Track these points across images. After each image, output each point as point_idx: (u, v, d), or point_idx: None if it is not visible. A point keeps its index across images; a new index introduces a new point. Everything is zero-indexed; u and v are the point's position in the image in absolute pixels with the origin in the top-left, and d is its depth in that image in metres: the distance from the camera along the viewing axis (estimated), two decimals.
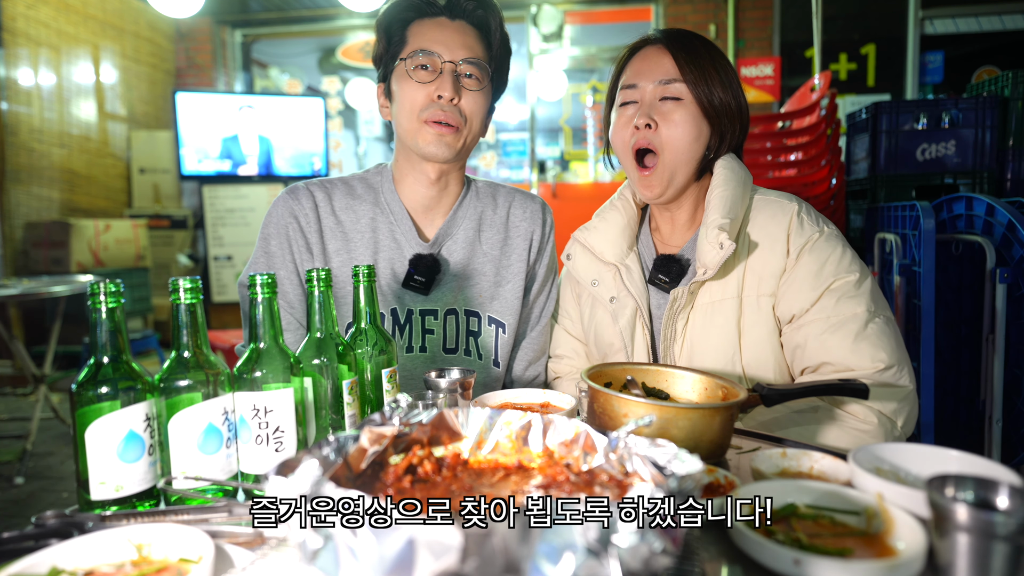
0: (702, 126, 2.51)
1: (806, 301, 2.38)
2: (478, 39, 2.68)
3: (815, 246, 2.42)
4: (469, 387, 2.11)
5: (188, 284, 1.65)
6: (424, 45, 2.61)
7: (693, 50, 2.54)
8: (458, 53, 2.61)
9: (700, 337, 2.49)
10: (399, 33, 2.68)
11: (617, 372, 2.13)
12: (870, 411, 2.27)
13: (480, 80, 2.66)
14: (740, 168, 2.58)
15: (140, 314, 9.82)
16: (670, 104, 2.50)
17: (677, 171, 2.52)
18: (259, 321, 1.72)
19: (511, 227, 2.92)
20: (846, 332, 2.31)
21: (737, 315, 2.46)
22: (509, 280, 2.86)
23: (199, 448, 1.65)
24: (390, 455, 1.40)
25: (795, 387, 2.00)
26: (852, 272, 2.39)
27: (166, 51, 12.77)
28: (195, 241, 11.58)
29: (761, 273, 2.45)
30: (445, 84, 2.58)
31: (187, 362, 1.66)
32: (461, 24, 2.67)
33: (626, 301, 2.63)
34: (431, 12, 2.66)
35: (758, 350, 2.45)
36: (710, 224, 2.42)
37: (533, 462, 1.44)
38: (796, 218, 2.47)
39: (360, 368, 1.96)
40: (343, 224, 2.75)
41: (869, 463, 1.58)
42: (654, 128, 2.49)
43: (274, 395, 1.68)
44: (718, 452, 1.82)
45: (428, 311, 2.76)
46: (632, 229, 2.77)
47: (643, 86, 2.54)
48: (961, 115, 5.68)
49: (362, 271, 1.97)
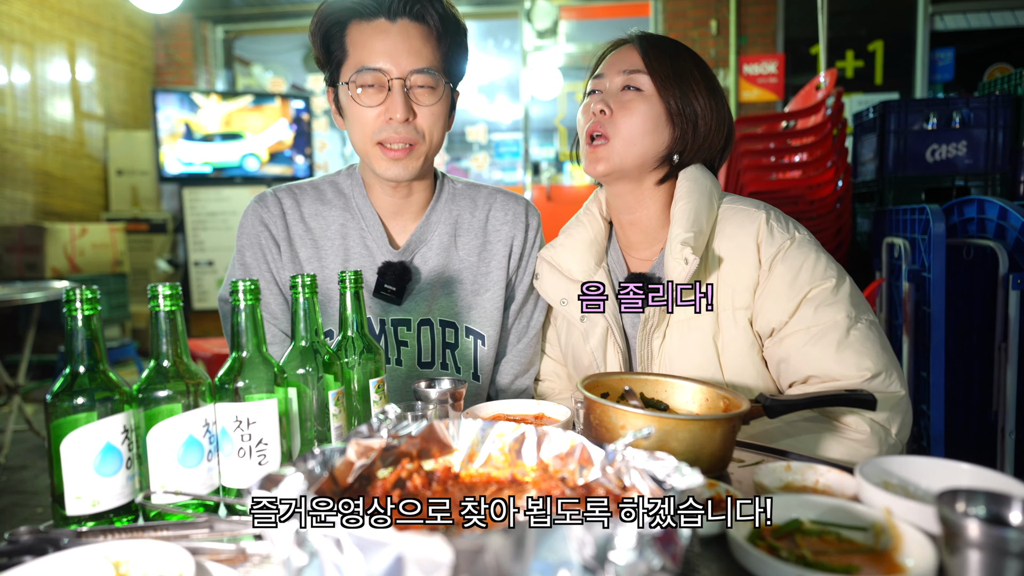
0: (661, 123, 2.51)
1: (784, 313, 2.37)
2: (425, 38, 2.55)
3: (787, 254, 2.40)
4: (460, 398, 2.11)
5: (168, 290, 1.65)
6: (367, 60, 2.51)
7: (667, 51, 2.55)
8: (405, 65, 2.50)
9: (678, 356, 2.49)
10: (338, 37, 2.58)
11: (614, 382, 2.12)
12: (862, 420, 2.26)
13: (435, 88, 2.57)
14: (705, 177, 2.56)
15: (118, 322, 9.80)
16: (630, 94, 2.51)
17: (625, 158, 2.49)
18: (242, 329, 1.72)
19: (490, 231, 2.86)
20: (828, 342, 2.29)
21: (714, 331, 2.45)
22: (488, 289, 2.82)
23: (179, 461, 1.64)
24: (378, 469, 1.40)
25: (800, 398, 2.00)
26: (828, 278, 2.37)
27: (145, 48, 12.77)
28: (175, 246, 11.57)
29: (734, 286, 2.44)
30: (396, 104, 2.50)
31: (167, 372, 1.66)
32: (403, 25, 2.52)
33: (596, 320, 2.62)
34: (367, 13, 2.52)
35: (739, 366, 2.44)
36: (674, 239, 2.40)
37: (527, 476, 1.44)
38: (765, 226, 2.44)
39: (347, 378, 1.95)
40: (313, 231, 2.74)
41: (877, 477, 1.57)
42: (608, 114, 2.49)
43: (257, 406, 1.68)
44: (720, 465, 1.82)
45: (400, 321, 2.73)
46: (600, 244, 2.74)
47: (608, 77, 2.56)
48: (973, 114, 5.68)
49: (349, 277, 1.97)
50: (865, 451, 2.22)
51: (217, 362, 6.97)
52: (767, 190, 5.55)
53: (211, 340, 8.28)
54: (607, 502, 1.27)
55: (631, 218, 2.66)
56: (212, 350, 7.29)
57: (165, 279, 11.04)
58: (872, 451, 2.21)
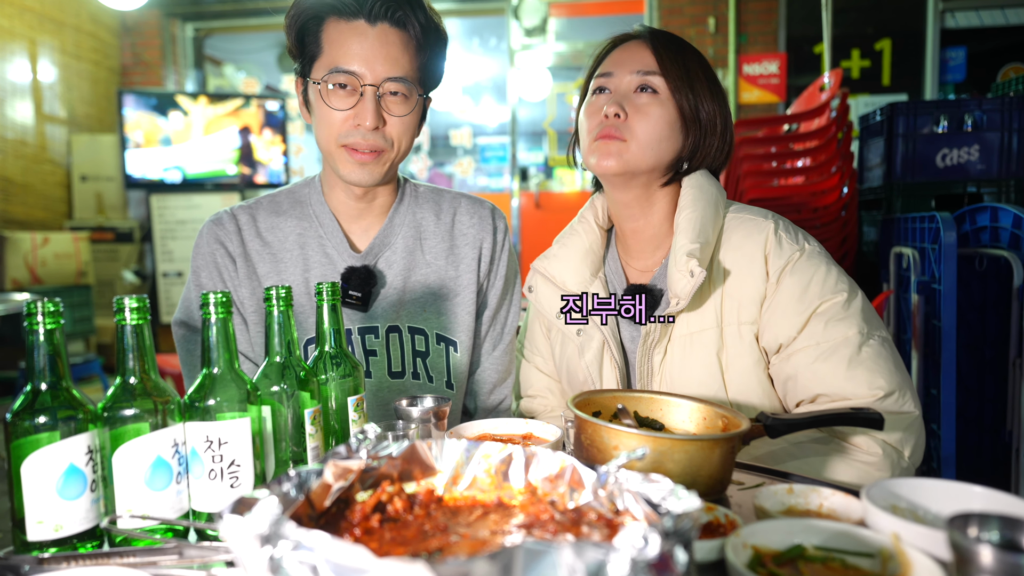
0: (676, 129, 2.51)
1: (792, 328, 2.36)
2: (404, 46, 2.59)
3: (796, 266, 2.40)
4: (443, 417, 2.11)
5: (134, 303, 1.64)
6: (341, 62, 2.54)
7: (679, 50, 2.56)
8: (380, 72, 2.54)
9: (680, 372, 2.48)
10: (314, 30, 2.61)
11: (607, 400, 2.13)
12: (873, 441, 2.26)
13: (407, 96, 2.60)
14: (711, 185, 2.57)
15: (81, 336, 9.77)
16: (646, 97, 2.50)
17: (641, 162, 2.48)
18: (213, 344, 1.72)
19: (457, 235, 2.88)
20: (838, 359, 2.29)
21: (718, 346, 2.45)
22: (458, 293, 2.83)
23: (146, 484, 1.64)
24: (357, 492, 1.40)
25: (803, 417, 2.00)
26: (839, 292, 2.37)
27: (110, 47, 12.73)
28: (142, 256, 11.51)
29: (740, 299, 2.44)
30: (365, 111, 2.54)
31: (133, 389, 1.66)
32: (383, 30, 2.55)
33: (592, 333, 2.62)
34: (347, 12, 2.54)
35: (744, 384, 2.44)
36: (679, 250, 2.40)
37: (514, 499, 1.44)
38: (773, 236, 2.45)
39: (324, 396, 1.95)
40: (270, 245, 2.75)
41: (884, 500, 1.57)
42: (623, 118, 2.47)
43: (229, 425, 1.68)
44: (718, 488, 1.82)
45: (367, 329, 2.73)
46: (596, 253, 2.75)
47: (619, 75, 2.55)
48: (985, 117, 5.69)
49: (325, 289, 1.97)
50: (876, 474, 2.21)
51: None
52: (768, 197, 5.55)
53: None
54: (599, 527, 1.27)
55: (634, 226, 2.67)
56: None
57: (132, 291, 11.00)
58: (884, 474, 2.20)
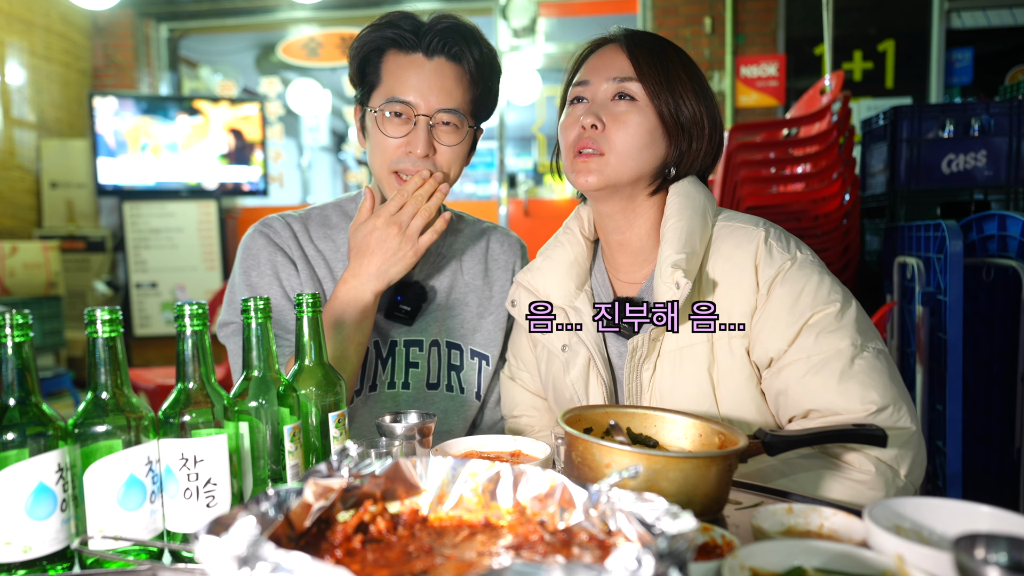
0: (657, 136, 2.51)
1: (783, 341, 2.35)
2: (458, 79, 2.76)
3: (787, 276, 2.39)
4: (429, 433, 2.11)
5: (107, 315, 1.65)
6: (398, 91, 2.70)
7: (657, 51, 2.55)
8: (434, 103, 2.70)
9: (670, 389, 2.47)
10: (375, 61, 2.78)
11: (598, 416, 2.13)
12: (866, 458, 2.24)
13: (459, 127, 2.76)
14: (698, 192, 2.57)
15: (51, 349, 9.73)
16: (623, 104, 2.51)
17: (622, 173, 2.49)
18: (188, 357, 1.72)
19: (491, 259, 3.09)
20: (829, 372, 2.27)
21: (709, 361, 2.44)
22: (491, 312, 3.01)
23: (119, 503, 1.64)
24: (338, 511, 1.40)
25: (803, 434, 2.00)
26: (832, 302, 2.36)
27: (81, 48, 12.68)
28: (115, 266, 11.49)
29: (730, 311, 2.43)
30: (418, 139, 2.69)
31: (105, 404, 1.66)
32: (439, 64, 2.73)
33: (577, 348, 2.63)
34: (406, 46, 2.73)
35: (736, 400, 2.43)
36: (664, 261, 2.40)
37: (502, 519, 1.44)
38: (763, 245, 2.44)
39: (304, 411, 1.96)
40: (323, 253, 2.90)
41: (888, 520, 1.57)
42: (600, 129, 2.49)
43: (205, 442, 1.68)
44: (714, 508, 1.83)
45: (413, 342, 2.88)
46: (581, 266, 2.76)
47: (595, 83, 2.56)
48: (993, 121, 5.68)
49: (306, 300, 1.98)
50: (870, 493, 2.21)
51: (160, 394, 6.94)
52: (767, 205, 5.56)
53: (154, 370, 8.23)
54: (590, 548, 1.27)
55: (620, 238, 2.67)
56: (155, 381, 7.25)
57: (104, 302, 10.98)
58: (878, 493, 2.20)
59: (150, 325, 11.03)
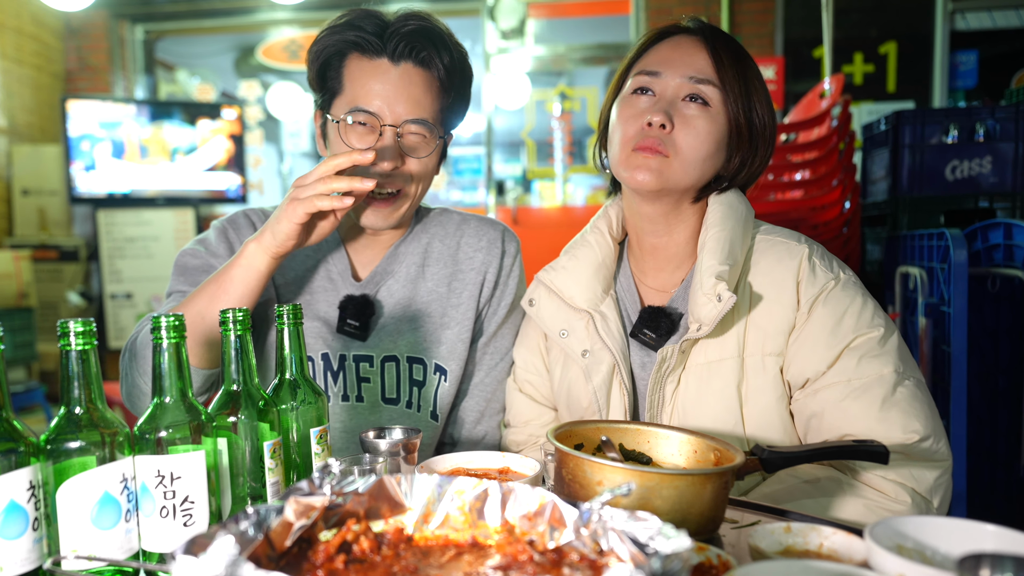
0: (723, 146, 2.48)
1: (822, 362, 2.34)
2: (427, 87, 2.70)
3: (830, 296, 2.37)
4: (414, 449, 2.11)
5: (80, 327, 1.64)
6: (361, 101, 2.64)
7: (738, 56, 2.50)
8: (401, 112, 2.65)
9: (694, 404, 2.45)
10: (336, 65, 2.72)
11: (590, 432, 2.13)
12: (902, 489, 2.23)
13: (427, 138, 2.72)
14: (740, 203, 2.55)
15: (23, 363, 9.70)
16: (695, 108, 2.43)
17: (682, 179, 2.44)
18: (164, 371, 1.72)
19: (461, 260, 2.94)
20: (871, 398, 2.26)
21: (738, 378, 2.42)
22: (456, 322, 2.88)
23: (93, 522, 1.64)
24: (320, 530, 1.40)
25: (801, 450, 2.00)
26: (876, 327, 2.35)
27: (54, 50, 12.64)
28: (88, 276, 11.45)
29: (766, 329, 2.41)
30: (384, 151, 2.63)
31: (79, 420, 1.65)
32: (405, 69, 2.67)
33: (601, 355, 2.59)
34: (370, 49, 2.66)
35: (764, 420, 2.42)
36: (705, 271, 2.37)
37: (490, 539, 1.45)
38: (807, 263, 2.42)
39: (284, 427, 1.95)
40: None
41: (889, 540, 1.57)
42: (668, 129, 2.41)
43: (182, 459, 1.68)
44: (710, 527, 1.83)
45: (362, 357, 2.80)
46: (608, 268, 2.71)
47: (668, 77, 2.47)
48: (999, 126, 5.68)
49: (287, 311, 1.98)
50: None
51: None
52: (764, 212, 5.52)
53: None
54: (581, 568, 1.27)
55: (655, 242, 2.64)
56: None
57: (77, 314, 10.95)
58: None
59: (125, 337, 10.94)
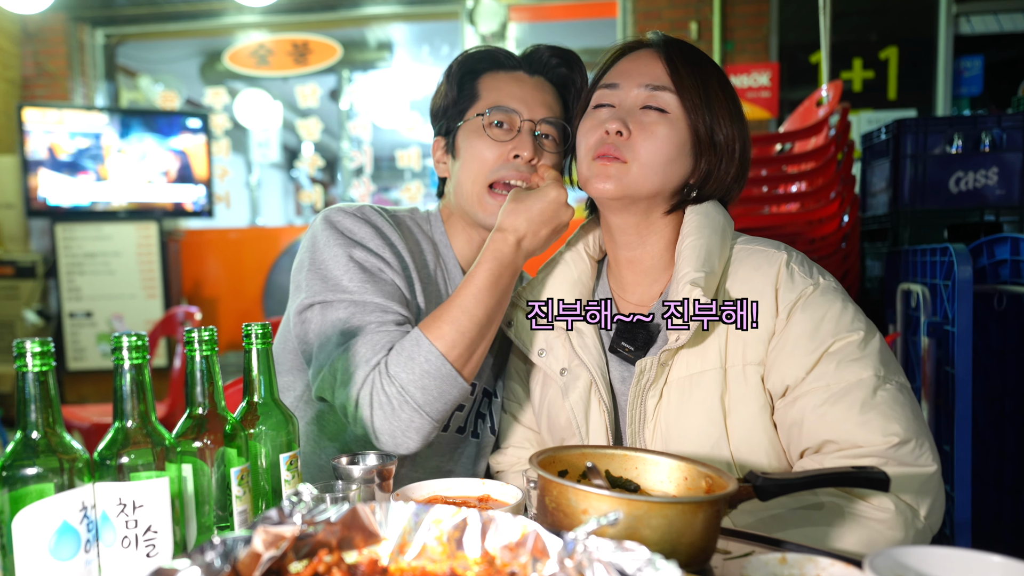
0: (685, 152, 2.53)
1: (801, 368, 2.37)
2: (556, 98, 2.91)
3: (808, 302, 2.41)
4: (389, 476, 2.10)
5: (37, 347, 1.63)
6: (501, 101, 2.81)
7: (696, 63, 2.58)
8: (538, 112, 2.81)
9: (676, 418, 2.48)
10: (470, 85, 2.89)
11: (575, 457, 2.12)
12: (886, 496, 2.23)
13: (557, 142, 2.87)
14: (718, 213, 2.61)
15: None
16: (654, 115, 2.51)
17: (642, 185, 2.50)
18: (126, 393, 1.71)
19: None
20: (850, 402, 2.29)
21: (721, 390, 2.45)
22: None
23: (51, 552, 1.63)
24: (290, 561, 1.40)
25: (798, 477, 2.00)
26: (855, 331, 2.38)
27: (10, 56, 12.61)
28: (46, 293, 11.41)
29: (746, 337, 2.45)
30: (524, 143, 2.76)
31: (36, 445, 1.65)
32: (540, 81, 2.90)
33: (578, 372, 2.63)
34: (508, 65, 2.90)
35: (748, 432, 2.44)
36: (681, 279, 2.42)
37: (469, 570, 1.44)
38: (785, 269, 2.47)
39: (253, 453, 1.95)
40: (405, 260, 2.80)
41: (890, 571, 1.56)
42: (626, 136, 2.48)
43: (145, 486, 1.68)
44: (701, 557, 1.82)
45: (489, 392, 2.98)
46: (585, 285, 2.78)
47: (625, 88, 2.57)
48: (1005, 135, 5.69)
49: (255, 331, 1.97)
50: (889, 534, 2.21)
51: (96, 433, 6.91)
52: (759, 226, 5.50)
53: (89, 407, 8.19)
54: None
55: (630, 255, 2.70)
56: (90, 419, 7.22)
57: (34, 333, 10.92)
58: (896, 534, 2.21)
59: (85, 358, 10.96)
